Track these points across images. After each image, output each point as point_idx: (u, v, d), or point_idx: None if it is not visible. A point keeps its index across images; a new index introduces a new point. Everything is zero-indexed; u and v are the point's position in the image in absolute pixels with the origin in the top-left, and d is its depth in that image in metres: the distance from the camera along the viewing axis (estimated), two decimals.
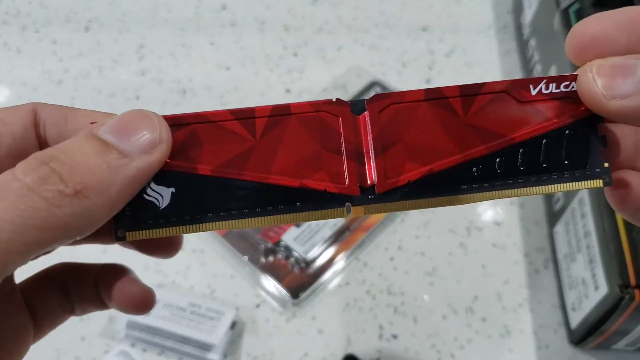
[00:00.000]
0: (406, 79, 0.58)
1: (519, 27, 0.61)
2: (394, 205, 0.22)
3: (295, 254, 0.47)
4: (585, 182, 0.22)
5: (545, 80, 0.21)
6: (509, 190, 0.22)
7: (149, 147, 0.19)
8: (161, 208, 0.21)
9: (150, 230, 0.21)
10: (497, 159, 0.22)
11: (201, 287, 0.46)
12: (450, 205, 0.22)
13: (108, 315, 0.45)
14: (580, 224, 0.43)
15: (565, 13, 0.46)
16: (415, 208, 0.22)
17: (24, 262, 0.18)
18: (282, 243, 0.47)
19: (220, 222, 0.21)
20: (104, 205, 0.19)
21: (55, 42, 0.60)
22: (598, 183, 0.22)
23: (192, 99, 0.56)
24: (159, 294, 0.44)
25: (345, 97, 0.56)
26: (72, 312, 0.25)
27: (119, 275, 0.24)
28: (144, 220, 0.21)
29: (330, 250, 0.48)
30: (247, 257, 0.47)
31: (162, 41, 0.60)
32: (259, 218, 0.21)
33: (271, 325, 0.45)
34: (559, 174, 0.22)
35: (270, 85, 0.58)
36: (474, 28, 0.62)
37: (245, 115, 0.21)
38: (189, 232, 0.21)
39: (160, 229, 0.21)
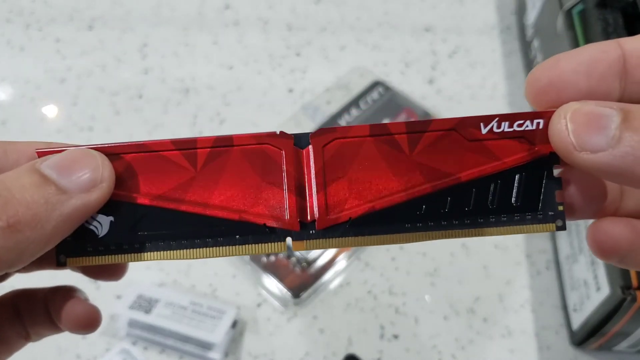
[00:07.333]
0: (409, 79, 0.58)
1: (522, 28, 0.60)
2: (336, 241, 0.21)
3: (297, 253, 0.47)
4: (538, 225, 0.21)
5: (497, 119, 0.21)
6: (455, 231, 0.21)
7: (89, 185, 0.19)
8: (100, 236, 0.21)
9: (90, 257, 0.21)
10: (443, 199, 0.21)
11: (203, 285, 0.47)
12: (394, 243, 0.21)
13: (109, 314, 0.45)
14: (583, 224, 0.43)
15: (568, 14, 0.46)
16: (357, 245, 0.21)
17: None
18: None
19: (158, 252, 0.21)
20: (37, 240, 0.18)
21: (59, 40, 0.60)
22: (551, 227, 0.21)
23: (195, 98, 0.56)
24: (161, 292, 0.45)
25: (348, 97, 0.56)
26: (27, 337, 0.25)
27: (67, 296, 0.24)
28: (84, 247, 0.21)
29: (332, 250, 0.48)
30: (248, 256, 0.47)
31: (165, 40, 0.61)
32: (198, 249, 0.21)
33: (272, 325, 0.45)
34: (509, 217, 0.21)
35: (273, 85, 0.58)
36: (477, 29, 0.62)
37: (186, 146, 0.21)
38: (128, 261, 0.21)
39: (100, 257, 0.21)
